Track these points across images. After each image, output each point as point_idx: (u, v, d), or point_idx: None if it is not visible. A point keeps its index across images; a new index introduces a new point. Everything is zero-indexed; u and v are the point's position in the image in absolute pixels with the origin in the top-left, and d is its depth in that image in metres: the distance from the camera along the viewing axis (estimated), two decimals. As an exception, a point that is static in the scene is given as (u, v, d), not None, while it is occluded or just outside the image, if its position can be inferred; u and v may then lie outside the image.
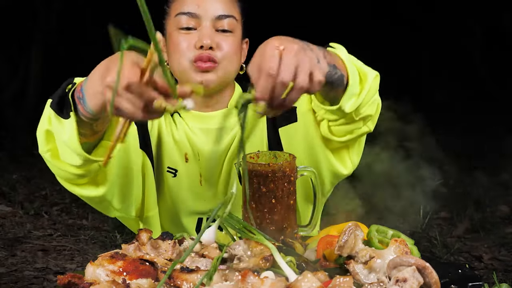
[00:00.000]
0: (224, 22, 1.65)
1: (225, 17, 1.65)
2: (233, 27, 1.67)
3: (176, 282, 1.15)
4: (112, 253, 1.24)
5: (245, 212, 1.44)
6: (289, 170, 1.40)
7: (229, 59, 1.66)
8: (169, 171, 1.74)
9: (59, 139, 1.45)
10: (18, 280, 3.49)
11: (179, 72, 1.66)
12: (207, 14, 1.64)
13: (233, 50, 1.66)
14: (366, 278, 1.15)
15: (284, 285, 1.08)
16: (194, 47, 1.62)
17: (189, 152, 1.73)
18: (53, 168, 1.54)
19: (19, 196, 5.04)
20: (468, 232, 4.34)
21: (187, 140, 1.73)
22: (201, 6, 1.64)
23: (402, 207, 1.91)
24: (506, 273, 3.62)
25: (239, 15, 1.70)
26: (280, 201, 1.40)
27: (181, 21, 1.65)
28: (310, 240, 1.46)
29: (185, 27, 1.64)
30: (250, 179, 1.40)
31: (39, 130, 1.53)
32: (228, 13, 1.66)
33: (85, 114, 1.34)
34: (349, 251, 1.18)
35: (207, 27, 1.64)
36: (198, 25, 1.64)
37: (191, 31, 1.64)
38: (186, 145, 1.73)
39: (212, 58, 1.62)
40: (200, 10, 1.64)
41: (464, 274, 1.24)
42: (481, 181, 5.42)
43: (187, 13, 1.64)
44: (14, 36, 7.20)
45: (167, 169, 1.74)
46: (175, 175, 1.73)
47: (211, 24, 1.64)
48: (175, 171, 1.73)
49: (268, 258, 1.18)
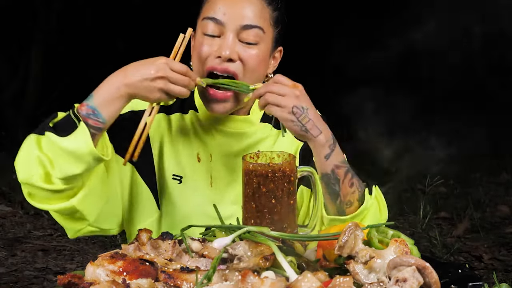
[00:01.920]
0: (249, 33, 1.60)
1: (250, 27, 1.60)
2: (258, 39, 1.62)
3: (176, 282, 1.15)
4: (112, 253, 1.24)
5: (245, 212, 1.44)
6: (289, 170, 1.40)
7: (253, 72, 1.62)
8: (175, 178, 1.72)
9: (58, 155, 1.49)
10: (18, 280, 3.49)
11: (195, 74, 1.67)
12: (232, 23, 1.59)
13: (257, 62, 1.63)
14: (366, 278, 1.15)
15: (284, 285, 1.08)
16: (213, 54, 1.60)
17: (201, 152, 1.72)
18: (35, 190, 1.53)
19: (19, 196, 5.03)
20: (468, 232, 4.35)
21: (200, 140, 1.72)
22: (228, 14, 1.60)
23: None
24: (506, 273, 3.62)
25: (268, 25, 1.64)
26: (280, 201, 1.40)
27: (206, 26, 1.62)
28: (310, 240, 1.45)
29: (209, 34, 1.61)
30: (250, 179, 1.40)
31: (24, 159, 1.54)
32: (254, 24, 1.61)
33: (98, 126, 1.50)
34: (349, 251, 1.18)
35: (230, 37, 1.59)
36: (222, 33, 1.61)
37: (214, 38, 1.61)
38: (199, 144, 1.72)
39: (227, 70, 1.60)
40: (225, 18, 1.59)
41: (464, 274, 1.24)
42: (481, 181, 5.41)
43: (212, 18, 1.60)
44: (14, 36, 7.20)
45: (172, 176, 1.72)
46: (180, 182, 1.72)
47: (235, 33, 1.60)
48: (180, 178, 1.72)
49: (268, 257, 1.18)
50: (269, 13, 1.64)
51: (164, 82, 1.49)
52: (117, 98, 1.50)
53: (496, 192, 5.20)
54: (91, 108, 1.50)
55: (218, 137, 1.72)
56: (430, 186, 4.85)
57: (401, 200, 5.06)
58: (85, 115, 1.49)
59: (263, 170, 1.38)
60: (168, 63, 1.51)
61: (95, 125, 1.50)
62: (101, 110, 1.50)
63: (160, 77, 1.49)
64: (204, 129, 1.73)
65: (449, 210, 4.76)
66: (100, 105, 1.50)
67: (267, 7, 1.64)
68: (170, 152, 1.73)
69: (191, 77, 1.54)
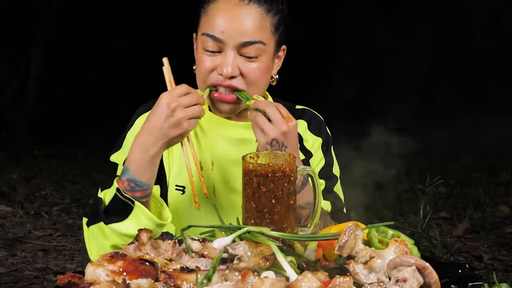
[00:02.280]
0: (250, 49, 1.58)
1: (250, 44, 1.58)
2: (260, 52, 1.60)
3: (176, 282, 1.15)
4: (112, 253, 1.24)
5: (245, 212, 1.44)
6: (289, 170, 1.40)
7: (254, 85, 1.62)
8: (178, 189, 1.70)
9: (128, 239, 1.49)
10: (18, 280, 3.49)
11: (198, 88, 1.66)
12: (231, 41, 1.57)
13: (259, 75, 1.62)
14: (366, 278, 1.15)
15: (284, 285, 1.08)
16: (215, 70, 1.60)
17: (203, 160, 1.70)
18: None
19: (19, 196, 5.05)
20: (468, 232, 4.35)
21: (202, 147, 1.70)
22: (226, 32, 1.57)
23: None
24: (506, 273, 3.62)
25: (270, 34, 1.62)
26: (280, 201, 1.40)
27: (206, 43, 1.60)
28: (310, 240, 1.45)
29: (209, 50, 1.60)
30: (250, 179, 1.40)
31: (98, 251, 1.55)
32: (254, 39, 1.58)
33: (146, 194, 1.53)
34: (349, 251, 1.18)
35: (230, 54, 1.58)
36: (222, 49, 1.59)
37: (215, 54, 1.60)
38: (201, 151, 1.70)
39: (231, 86, 1.59)
40: (224, 36, 1.57)
41: (464, 274, 1.24)
42: (481, 181, 5.42)
43: (211, 36, 1.58)
44: (14, 36, 7.21)
45: (176, 187, 1.70)
46: (183, 192, 1.70)
47: (236, 50, 1.58)
48: (183, 188, 1.70)
49: (268, 257, 1.18)
50: (270, 21, 1.61)
51: (180, 110, 1.49)
52: (152, 159, 1.52)
53: (496, 192, 5.20)
54: (133, 181, 1.52)
55: (220, 143, 1.70)
56: (430, 186, 4.85)
57: (401, 200, 5.07)
58: (130, 190, 1.52)
59: (263, 170, 1.38)
60: (170, 93, 1.51)
61: (143, 195, 1.53)
62: (142, 178, 1.52)
63: (174, 109, 1.49)
64: (206, 135, 1.71)
65: (449, 210, 4.76)
66: (139, 174, 1.52)
67: (267, 16, 1.60)
68: (171, 162, 1.71)
69: (196, 93, 1.55)
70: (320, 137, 1.82)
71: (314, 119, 1.84)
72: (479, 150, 6.31)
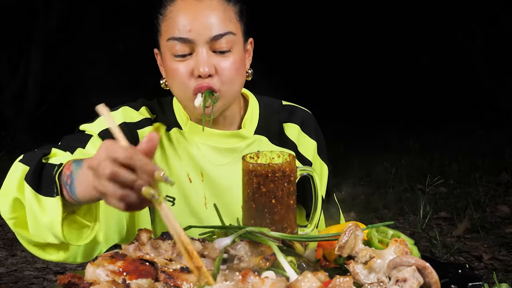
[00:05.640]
0: (221, 42, 1.50)
1: (221, 36, 1.50)
2: (231, 44, 1.52)
3: (176, 282, 1.15)
4: (112, 253, 1.24)
5: (245, 212, 1.44)
6: (289, 170, 1.40)
7: (230, 83, 1.53)
8: (168, 200, 1.60)
9: (33, 216, 1.29)
10: (18, 280, 3.49)
11: (180, 100, 1.58)
12: (201, 37, 1.48)
13: (234, 71, 1.53)
14: (366, 278, 1.15)
15: (285, 285, 1.08)
16: (191, 74, 1.50)
17: (191, 172, 1.62)
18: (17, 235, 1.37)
19: (19, 196, 5.02)
20: (468, 232, 4.35)
21: (189, 158, 1.62)
22: (193, 29, 1.48)
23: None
24: (506, 273, 3.62)
25: (236, 24, 1.54)
26: (280, 201, 1.40)
27: (174, 48, 1.50)
28: (310, 240, 1.45)
29: (179, 55, 1.51)
30: (250, 179, 1.40)
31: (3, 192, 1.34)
32: (223, 31, 1.50)
33: (70, 201, 1.25)
34: (349, 251, 1.18)
35: (203, 52, 1.49)
36: (192, 50, 1.50)
37: (186, 57, 1.51)
38: (188, 163, 1.62)
39: (212, 88, 1.50)
40: (192, 34, 1.48)
41: (464, 274, 1.24)
42: (481, 181, 5.42)
43: (179, 38, 1.49)
44: (14, 36, 7.21)
45: (166, 197, 1.59)
46: (173, 204, 1.60)
47: (207, 46, 1.50)
48: (173, 199, 1.60)
49: (269, 258, 1.18)
50: (233, 10, 1.54)
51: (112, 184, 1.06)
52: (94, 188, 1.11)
53: (496, 192, 5.20)
54: (71, 178, 1.23)
55: (207, 154, 1.62)
56: (430, 186, 4.86)
57: (401, 200, 5.07)
58: (64, 183, 1.25)
59: (263, 170, 1.38)
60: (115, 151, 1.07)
61: (68, 199, 1.26)
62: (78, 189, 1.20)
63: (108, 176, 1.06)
64: (191, 146, 1.62)
65: (449, 210, 4.76)
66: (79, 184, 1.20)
67: (228, 5, 1.53)
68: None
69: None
70: (314, 139, 1.74)
71: (305, 118, 1.75)
72: (479, 150, 6.32)
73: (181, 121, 1.65)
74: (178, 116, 1.66)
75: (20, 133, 6.90)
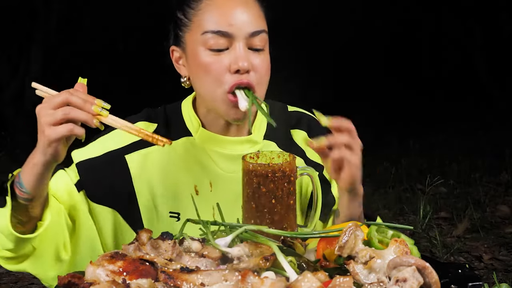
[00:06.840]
0: (257, 40, 1.48)
1: (258, 33, 1.48)
2: (265, 42, 1.50)
3: (176, 282, 1.15)
4: (112, 253, 1.24)
5: (245, 213, 1.44)
6: (289, 170, 1.40)
7: (263, 82, 1.50)
8: (172, 216, 1.57)
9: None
10: (18, 280, 3.49)
11: (210, 99, 1.51)
12: (240, 32, 1.46)
13: (267, 71, 1.51)
14: (366, 278, 1.15)
15: (284, 285, 1.08)
16: (227, 70, 1.46)
17: (199, 183, 1.57)
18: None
19: (19, 196, 5.02)
20: (468, 232, 4.35)
21: (199, 167, 1.57)
22: (235, 24, 1.45)
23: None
24: (506, 273, 3.62)
25: (266, 24, 1.53)
26: (280, 201, 1.40)
27: (210, 41, 1.46)
28: (310, 240, 1.45)
29: (216, 49, 1.46)
30: (250, 179, 1.40)
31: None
32: (260, 28, 1.48)
33: (21, 195, 1.33)
34: (349, 251, 1.18)
35: (241, 47, 1.46)
36: (230, 44, 1.46)
37: (222, 52, 1.46)
38: (196, 173, 1.57)
39: (250, 84, 1.46)
40: (233, 28, 1.45)
41: (464, 274, 1.24)
42: (481, 181, 5.41)
43: (218, 32, 1.45)
44: (14, 36, 7.21)
45: (170, 215, 1.57)
46: (178, 219, 1.56)
47: (245, 42, 1.46)
48: (178, 215, 1.57)
49: (268, 258, 1.18)
50: (263, 10, 1.53)
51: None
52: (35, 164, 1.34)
53: (496, 192, 5.20)
54: (19, 175, 1.35)
55: (218, 161, 1.58)
56: (430, 186, 4.86)
57: (401, 200, 5.07)
58: (15, 184, 1.35)
59: (263, 170, 1.38)
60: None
61: (21, 196, 1.34)
62: (24, 177, 1.34)
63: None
64: (202, 154, 1.58)
65: (449, 210, 4.76)
66: (24, 172, 1.34)
67: (258, 4, 1.53)
68: (162, 190, 1.57)
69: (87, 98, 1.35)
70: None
71: (311, 123, 1.71)
72: (479, 150, 6.32)
73: (191, 128, 1.60)
74: (189, 123, 1.60)
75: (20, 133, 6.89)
